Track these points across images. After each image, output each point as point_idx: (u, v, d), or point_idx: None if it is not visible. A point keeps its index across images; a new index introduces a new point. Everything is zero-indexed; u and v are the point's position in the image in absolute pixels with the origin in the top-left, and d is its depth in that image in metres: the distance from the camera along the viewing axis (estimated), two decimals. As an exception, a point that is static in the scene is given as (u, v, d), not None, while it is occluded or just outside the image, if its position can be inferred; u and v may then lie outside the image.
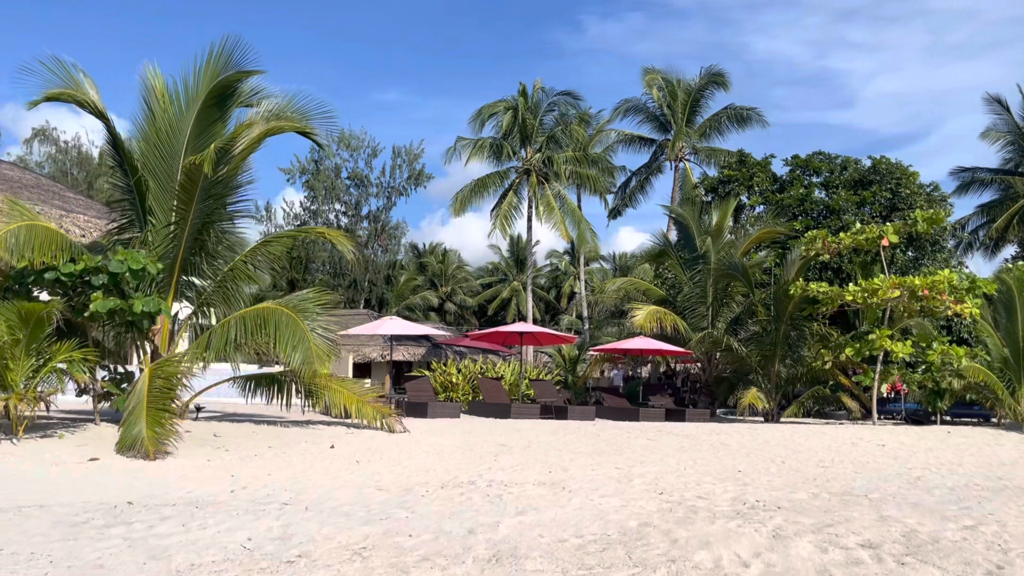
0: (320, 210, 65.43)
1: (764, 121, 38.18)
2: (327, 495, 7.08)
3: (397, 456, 10.71)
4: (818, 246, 20.99)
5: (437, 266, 75.89)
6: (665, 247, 26.76)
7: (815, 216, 29.78)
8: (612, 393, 23.02)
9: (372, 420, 12.99)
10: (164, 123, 12.84)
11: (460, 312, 75.59)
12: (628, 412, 21.15)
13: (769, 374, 22.37)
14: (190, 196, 12.20)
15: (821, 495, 8.17)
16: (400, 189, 65.93)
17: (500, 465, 10.21)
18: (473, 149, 37.13)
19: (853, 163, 31.75)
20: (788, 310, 21.63)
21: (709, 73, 38.67)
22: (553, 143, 37.99)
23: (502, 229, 37.09)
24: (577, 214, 37.64)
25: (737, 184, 31.68)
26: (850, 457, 12.93)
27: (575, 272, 68.00)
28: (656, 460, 11.55)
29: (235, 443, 11.13)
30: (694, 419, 21.26)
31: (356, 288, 66.38)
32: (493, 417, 19.69)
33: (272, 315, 12.06)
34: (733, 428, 17.69)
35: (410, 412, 18.93)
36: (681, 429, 17.14)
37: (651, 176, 41.14)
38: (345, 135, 62.86)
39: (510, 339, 21.98)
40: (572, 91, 38.46)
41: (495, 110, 38.20)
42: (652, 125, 40.11)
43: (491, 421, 17.97)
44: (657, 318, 23.09)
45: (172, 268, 12.69)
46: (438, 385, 24.78)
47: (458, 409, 18.55)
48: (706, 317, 24.75)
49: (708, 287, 24.50)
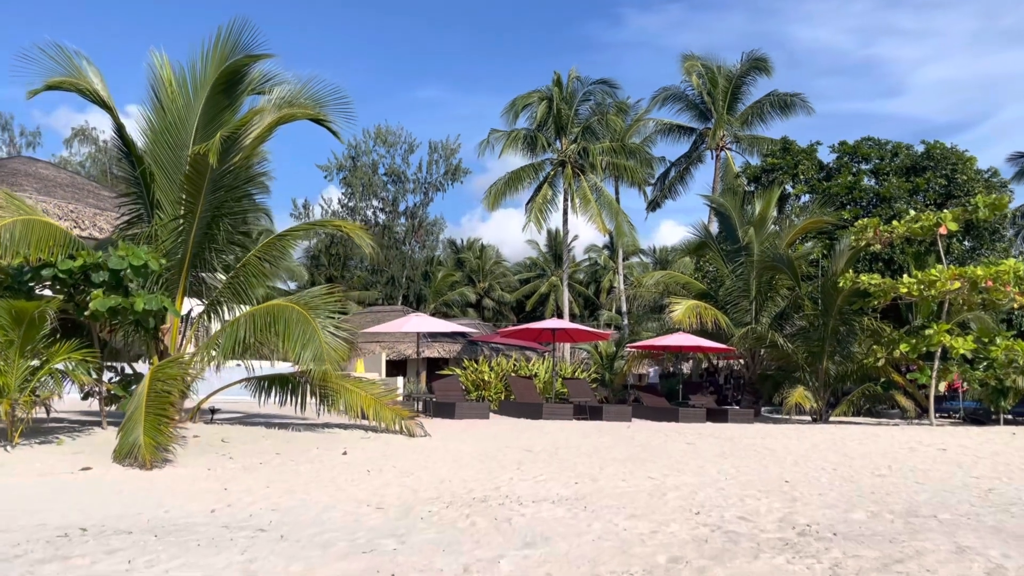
0: (358, 206, 65.31)
1: (809, 107, 36.76)
2: (316, 518, 6.30)
3: (412, 464, 9.93)
4: (869, 235, 19.73)
5: (475, 262, 75.28)
6: (705, 239, 25.64)
7: (864, 205, 28.39)
8: (650, 392, 22.03)
9: (391, 424, 12.24)
10: (172, 112, 12.23)
11: (498, 308, 74.90)
12: (666, 412, 20.16)
13: (817, 371, 21.17)
14: (197, 188, 11.56)
15: (882, 515, 7.18)
16: (437, 184, 65.43)
17: (522, 475, 9.38)
18: (507, 141, 36.28)
19: (904, 149, 30.24)
20: (837, 304, 20.41)
21: (751, 58, 37.32)
22: (589, 134, 36.97)
23: (536, 222, 36.20)
24: (614, 206, 36.59)
25: (781, 173, 30.37)
26: (908, 464, 11.83)
27: (614, 267, 66.83)
28: (694, 468, 10.61)
29: (242, 449, 10.46)
30: (737, 420, 20.20)
31: (394, 284, 66.07)
32: (524, 417, 18.86)
33: (282, 313, 11.37)
34: (779, 430, 16.62)
35: (437, 412, 18.21)
36: (723, 431, 16.13)
37: (691, 166, 39.93)
38: (381, 131, 62.55)
39: (542, 336, 21.10)
40: (608, 79, 37.38)
41: (529, 101, 37.30)
42: (692, 113, 38.89)
43: (521, 422, 17.14)
44: (697, 313, 22.03)
45: (181, 264, 12.08)
46: (469, 383, 24.02)
47: (487, 409, 17.76)
48: (749, 312, 23.62)
49: (751, 280, 23.35)
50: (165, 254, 11.80)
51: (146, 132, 12.21)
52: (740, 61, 37.63)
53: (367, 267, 70.90)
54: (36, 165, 28.85)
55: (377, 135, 63.64)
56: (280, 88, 12.81)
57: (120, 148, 12.26)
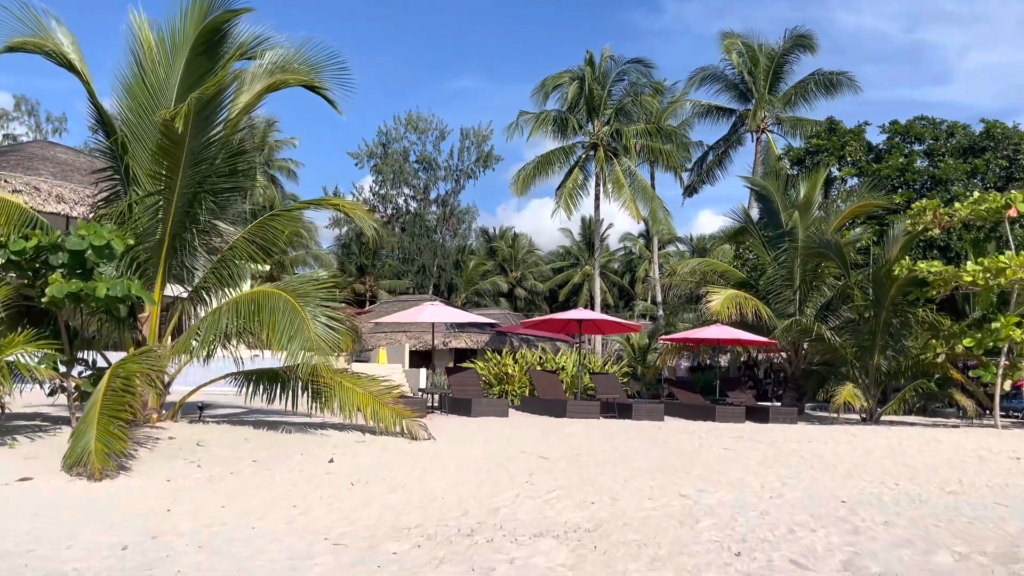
0: (388, 194, 64.26)
1: (856, 86, 34.59)
2: (245, 560, 5.01)
3: (405, 475, 8.63)
4: (927, 219, 17.98)
5: (507, 251, 73.96)
6: (745, 223, 23.97)
7: (917, 188, 26.43)
8: (685, 388, 20.52)
9: (390, 425, 10.96)
10: (150, 77, 11.02)
11: (530, 298, 73.52)
12: (702, 410, 18.65)
13: (867, 367, 19.47)
14: (175, 161, 10.34)
15: (973, 557, 5.70)
16: (468, 172, 63.96)
17: (530, 491, 8.03)
18: (536, 123, 34.76)
19: (961, 129, 28.20)
20: (890, 294, 18.69)
21: (794, 35, 35.26)
22: (622, 115, 35.31)
23: (567, 208, 34.67)
24: (649, 191, 34.93)
25: (827, 154, 28.50)
26: (982, 478, 10.24)
27: (649, 256, 65.01)
28: (733, 481, 9.17)
29: (216, 455, 9.25)
30: (779, 419, 18.63)
31: (425, 273, 64.99)
32: (547, 415, 17.51)
33: (267, 301, 10.12)
34: (826, 432, 15.03)
35: (453, 409, 16.95)
36: (764, 433, 14.60)
37: (730, 149, 38.04)
38: (412, 117, 61.32)
39: (568, 327, 19.68)
40: (643, 58, 35.69)
41: (560, 81, 35.73)
42: (731, 94, 36.96)
43: (542, 421, 15.77)
44: (736, 303, 20.44)
45: (160, 246, 10.90)
46: (492, 376, 22.71)
47: (506, 407, 16.42)
48: (792, 302, 21.95)
49: (795, 268, 21.67)
50: (140, 235, 10.63)
51: (122, 99, 11.04)
52: (783, 38, 35.62)
53: (398, 256, 70.01)
54: (55, 149, 28.10)
55: (408, 122, 62.34)
56: (272, 53, 11.55)
57: (94, 117, 11.10)
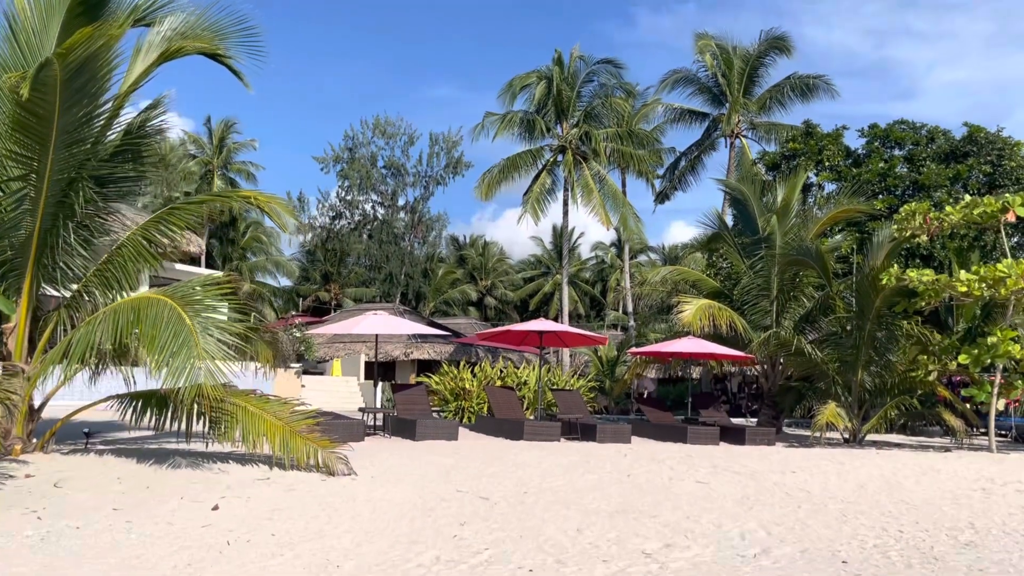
0: (355, 200, 62.23)
1: (833, 90, 33.49)
2: None
3: (303, 529, 6.90)
4: (915, 224, 16.58)
5: (477, 259, 72.33)
6: (719, 230, 22.51)
7: (899, 194, 25.20)
8: (655, 405, 18.95)
9: (302, 458, 9.20)
10: (23, 45, 9.24)
11: (500, 307, 71.88)
12: (673, 431, 17.08)
13: (850, 384, 18.02)
14: (40, 139, 8.56)
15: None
16: (438, 178, 61.91)
17: (456, 551, 6.35)
18: (501, 124, 33.16)
19: (942, 134, 27.08)
20: (875, 305, 17.26)
21: (770, 37, 34.10)
22: (592, 118, 33.84)
23: (534, 214, 33.06)
24: (619, 197, 33.47)
25: (804, 159, 27.22)
26: (996, 520, 8.72)
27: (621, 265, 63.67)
28: (708, 530, 7.56)
29: (70, 501, 7.46)
30: (756, 440, 17.13)
31: (392, 282, 63.05)
32: (503, 436, 15.83)
33: (148, 309, 8.34)
34: (810, 459, 13.48)
35: (397, 430, 15.22)
36: (742, 460, 13.03)
37: (703, 155, 36.73)
38: (380, 122, 59.38)
39: (528, 340, 18.02)
40: (614, 59, 34.30)
41: (527, 81, 34.18)
42: (704, 97, 35.68)
43: (496, 445, 14.08)
44: (710, 314, 18.94)
45: (27, 243, 9.08)
46: (448, 392, 21.01)
47: (455, 428, 14.70)
48: (769, 313, 20.48)
49: (772, 277, 20.22)
50: (1, 228, 8.81)
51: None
52: (758, 40, 34.44)
53: (365, 263, 68.04)
54: None
55: (376, 126, 60.29)
56: (174, 18, 9.82)
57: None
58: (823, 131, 28.36)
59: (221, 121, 51.55)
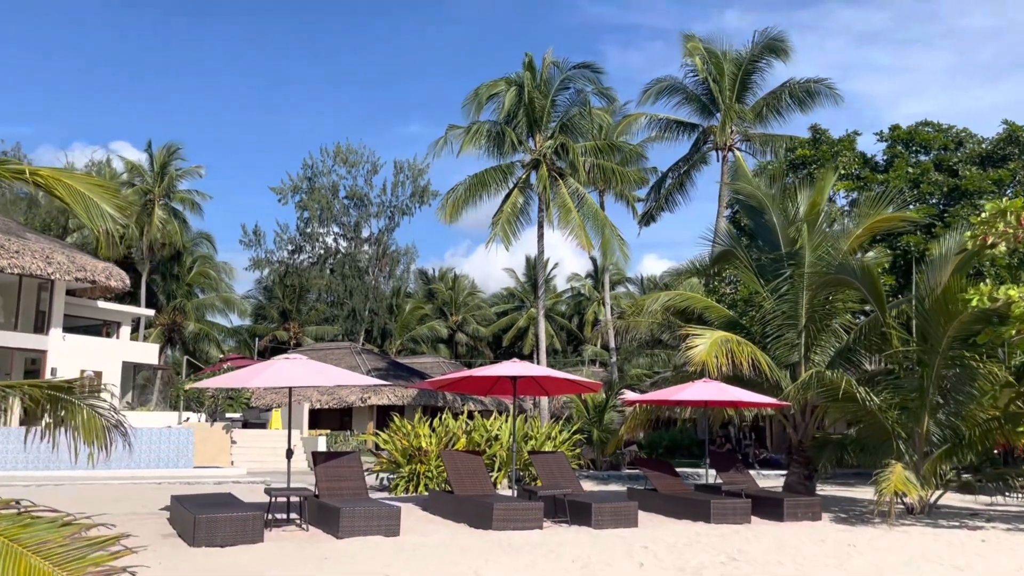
0: (315, 232, 57.67)
1: (836, 95, 29.99)
2: None
3: None
4: (999, 229, 12.71)
5: (447, 293, 68.11)
6: (730, 246, 18.53)
7: (934, 203, 21.53)
8: (660, 469, 14.75)
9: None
10: None
11: (472, 343, 67.61)
12: (691, 506, 12.92)
13: (913, 437, 14.01)
14: None
15: None
16: (403, 208, 57.48)
17: None
18: (467, 136, 29.20)
19: (970, 136, 23.61)
20: (947, 334, 13.33)
21: (765, 39, 30.64)
22: (569, 129, 30.04)
23: (505, 237, 29.00)
24: (600, 216, 29.60)
25: (816, 166, 23.51)
26: None
27: (599, 297, 59.75)
28: None
29: None
30: (798, 515, 13.10)
31: (356, 319, 58.51)
32: (465, 522, 11.55)
33: None
34: (892, 549, 9.34)
35: (318, 519, 10.92)
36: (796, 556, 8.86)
37: (692, 170, 32.96)
38: (341, 149, 55.13)
39: (499, 387, 13.79)
40: (591, 63, 30.56)
41: (495, 90, 30.34)
42: (693, 107, 32.01)
43: (452, 543, 9.79)
44: (727, 350, 14.87)
45: None
46: (399, 454, 16.68)
47: (395, 517, 10.37)
48: (797, 347, 16.46)
49: (800, 302, 16.24)
50: None
51: None
52: (751, 42, 30.98)
53: (327, 300, 63.59)
54: None
55: (336, 153, 55.94)
56: None
57: None
58: (833, 136, 24.79)
59: (163, 146, 47.16)
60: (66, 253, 27.27)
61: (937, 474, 14.05)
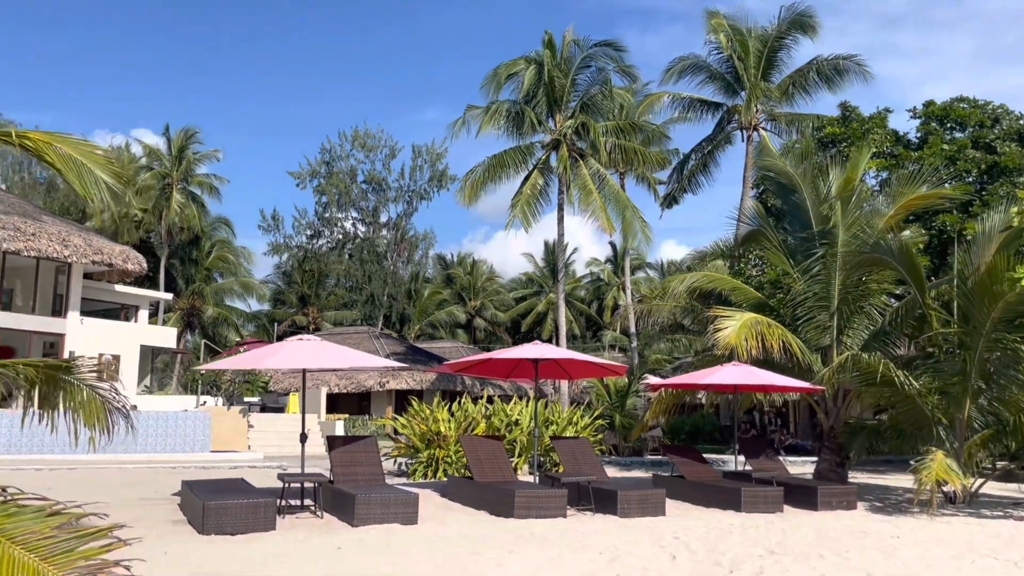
0: (334, 217, 57.29)
1: (866, 72, 29.08)
2: None
3: None
4: (1049, 204, 12.02)
5: (465, 278, 67.61)
6: (759, 226, 17.89)
7: (971, 182, 20.74)
8: (688, 456, 14.22)
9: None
10: None
11: (491, 329, 67.16)
12: (720, 494, 12.41)
13: (954, 424, 13.39)
14: None
15: None
16: (421, 192, 57.03)
17: None
18: (486, 117, 28.63)
19: (1007, 112, 22.75)
20: (991, 316, 12.68)
21: (792, 14, 29.71)
22: (590, 108, 29.38)
23: (524, 219, 28.47)
24: (622, 198, 28.99)
25: (846, 145, 22.74)
26: None
27: (618, 282, 59.08)
28: None
29: None
30: (831, 504, 12.56)
31: (374, 304, 58.19)
32: (485, 510, 11.10)
33: None
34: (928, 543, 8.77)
35: (333, 505, 10.52)
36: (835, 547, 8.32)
37: (716, 150, 32.15)
38: (359, 134, 54.61)
39: (520, 370, 13.32)
40: (613, 41, 29.79)
41: (515, 69, 29.74)
42: (717, 86, 31.14)
43: (471, 533, 9.34)
44: (757, 332, 14.30)
45: None
46: (417, 439, 16.27)
47: (412, 505, 9.95)
48: (828, 329, 15.84)
49: (833, 282, 15.61)
50: None
51: None
52: (777, 18, 30.07)
53: (346, 285, 63.34)
54: None
55: (355, 138, 55.40)
56: None
57: None
58: (863, 114, 23.97)
59: (181, 130, 46.92)
60: (83, 236, 27.03)
61: (977, 462, 13.43)
